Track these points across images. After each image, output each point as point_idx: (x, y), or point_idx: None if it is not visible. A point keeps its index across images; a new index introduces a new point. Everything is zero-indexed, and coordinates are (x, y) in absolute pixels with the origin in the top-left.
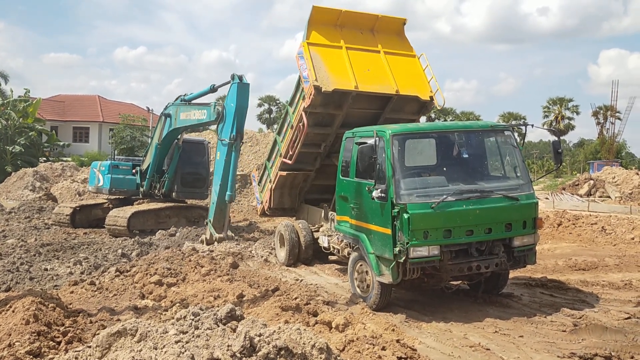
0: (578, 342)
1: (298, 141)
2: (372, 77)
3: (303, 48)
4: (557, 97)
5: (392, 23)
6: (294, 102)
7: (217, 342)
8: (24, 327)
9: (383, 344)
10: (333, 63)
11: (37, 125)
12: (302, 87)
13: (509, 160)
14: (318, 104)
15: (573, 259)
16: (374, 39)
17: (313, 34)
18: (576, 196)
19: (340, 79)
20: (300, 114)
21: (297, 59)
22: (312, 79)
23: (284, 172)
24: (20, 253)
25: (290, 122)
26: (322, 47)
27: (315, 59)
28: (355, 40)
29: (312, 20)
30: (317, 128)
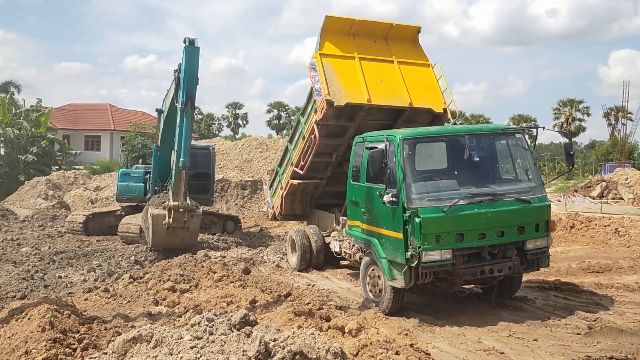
0: (593, 345)
1: (310, 152)
2: (385, 89)
3: (315, 59)
4: (568, 99)
5: (406, 31)
6: (305, 113)
7: (232, 347)
8: (40, 334)
9: (396, 348)
10: (346, 75)
11: (49, 134)
12: (314, 99)
13: (520, 162)
14: (330, 116)
15: (586, 261)
16: (387, 48)
17: (326, 45)
18: (588, 198)
19: (353, 92)
20: (312, 127)
21: (309, 70)
22: (324, 92)
23: (295, 180)
24: (35, 261)
25: (302, 132)
26: (335, 58)
27: (328, 71)
28: (368, 50)
29: (324, 29)
30: (329, 139)
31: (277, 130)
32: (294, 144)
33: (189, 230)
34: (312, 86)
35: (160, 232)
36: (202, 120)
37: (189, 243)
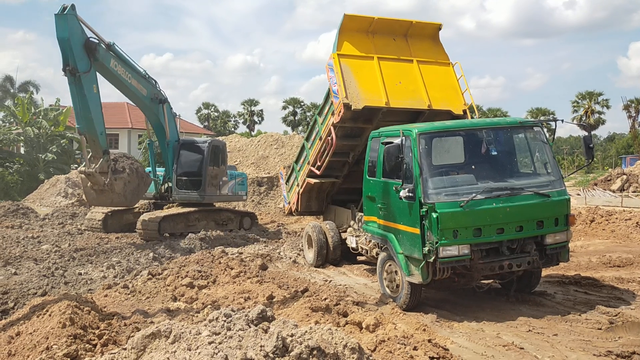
0: (614, 340)
1: (326, 154)
2: (403, 91)
3: (333, 60)
4: (587, 92)
5: (426, 28)
6: (323, 113)
7: (250, 342)
8: (61, 330)
9: (414, 344)
10: (364, 76)
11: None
12: (331, 100)
13: (539, 156)
14: (347, 119)
15: (607, 255)
16: (407, 46)
17: (344, 45)
18: (609, 192)
19: (371, 94)
20: (329, 128)
21: (327, 70)
22: (341, 95)
23: (312, 179)
24: (55, 258)
25: (318, 132)
26: (353, 58)
27: (346, 72)
28: (387, 49)
29: (343, 28)
30: (346, 139)
31: (292, 126)
32: (311, 142)
33: (114, 191)
34: (330, 87)
35: (91, 193)
36: (218, 117)
37: (119, 203)
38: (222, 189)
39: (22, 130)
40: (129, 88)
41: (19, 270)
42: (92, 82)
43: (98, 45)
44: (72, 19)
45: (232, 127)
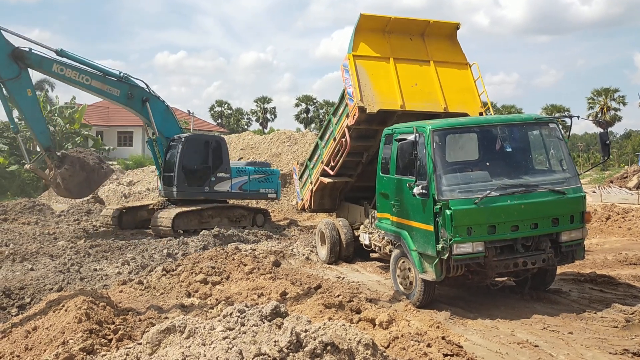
0: (631, 339)
1: (340, 155)
2: (419, 93)
3: (348, 61)
4: (602, 88)
5: (443, 28)
6: (337, 114)
7: (264, 337)
8: (77, 325)
9: (428, 340)
10: (379, 78)
11: (83, 131)
12: (345, 102)
13: (554, 153)
14: (362, 121)
15: (623, 253)
16: (423, 46)
17: (359, 45)
18: (625, 189)
19: (386, 97)
20: (344, 130)
21: (341, 70)
22: (356, 98)
23: (325, 178)
24: (71, 254)
25: (333, 133)
26: (369, 59)
27: (361, 74)
28: (403, 49)
29: (359, 28)
30: (360, 140)
31: (305, 124)
32: (325, 142)
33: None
34: (345, 89)
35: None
36: (231, 115)
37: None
38: (215, 185)
39: None
40: (90, 90)
41: (35, 266)
42: (25, 87)
43: (28, 53)
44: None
45: (245, 125)
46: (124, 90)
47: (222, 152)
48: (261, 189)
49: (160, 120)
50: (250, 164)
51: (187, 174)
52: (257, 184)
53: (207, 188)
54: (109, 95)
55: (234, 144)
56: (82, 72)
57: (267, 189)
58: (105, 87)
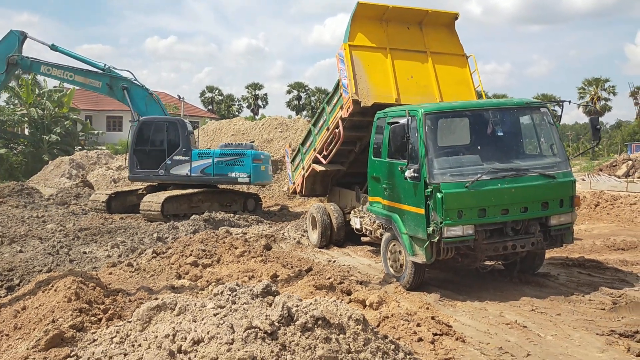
0: (618, 320)
1: (333, 145)
2: (415, 86)
3: (344, 51)
4: (593, 78)
5: (442, 17)
6: (331, 103)
7: (255, 312)
8: (66, 304)
9: (418, 320)
10: (375, 69)
11: (72, 115)
12: (340, 92)
13: (545, 138)
14: (356, 113)
15: (611, 239)
16: (421, 36)
17: (356, 35)
18: (614, 177)
19: (381, 90)
20: (337, 121)
21: (337, 60)
22: (351, 91)
23: (317, 166)
24: (60, 237)
25: (326, 122)
26: (365, 50)
27: (357, 65)
28: (400, 38)
29: (356, 16)
30: (353, 130)
31: (297, 111)
32: (318, 129)
33: None
34: (340, 79)
35: None
36: (222, 101)
37: None
38: (172, 169)
39: (26, 111)
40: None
41: (24, 249)
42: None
43: (20, 60)
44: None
45: (236, 111)
46: (105, 82)
47: (179, 135)
48: (230, 173)
49: (142, 107)
50: (225, 146)
51: (140, 156)
52: (224, 168)
53: (163, 171)
54: (92, 88)
55: (224, 130)
56: (66, 69)
57: (238, 172)
58: (88, 80)
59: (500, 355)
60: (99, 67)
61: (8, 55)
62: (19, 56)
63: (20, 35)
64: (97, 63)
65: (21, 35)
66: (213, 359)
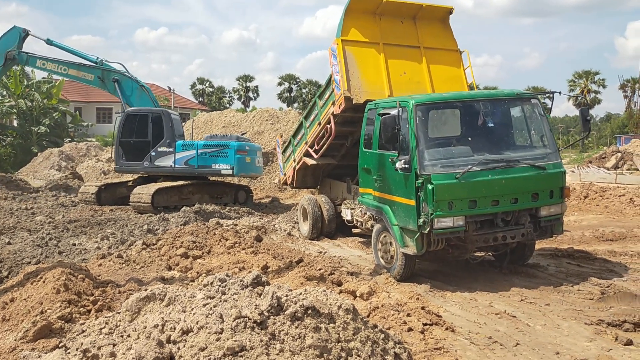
0: (606, 310)
1: (325, 141)
2: (407, 82)
3: (337, 46)
4: (583, 71)
5: (436, 12)
6: (323, 97)
7: (245, 302)
8: (55, 295)
9: (408, 310)
10: (367, 65)
11: (61, 106)
12: (332, 88)
13: (535, 129)
14: (348, 109)
15: (600, 230)
16: (414, 30)
17: (349, 29)
18: (603, 169)
19: (374, 87)
20: (329, 117)
21: (329, 54)
22: (343, 87)
23: (309, 160)
24: (49, 229)
25: (318, 116)
26: (358, 45)
27: (350, 60)
28: (394, 33)
29: (349, 10)
30: (345, 125)
31: (288, 103)
32: (310, 123)
33: None
34: (332, 75)
35: None
36: (213, 93)
37: None
38: (156, 160)
39: (14, 102)
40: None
41: (12, 240)
42: None
43: (18, 55)
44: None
45: (227, 103)
46: (97, 75)
47: (164, 126)
48: (214, 165)
49: (133, 99)
50: (210, 138)
51: (125, 148)
52: (207, 159)
53: (147, 163)
54: (85, 81)
55: (215, 122)
56: (60, 63)
57: (221, 164)
58: (81, 73)
59: (490, 345)
60: (92, 60)
61: (7, 50)
62: (17, 51)
63: (22, 32)
64: (90, 56)
65: (23, 32)
66: (202, 349)
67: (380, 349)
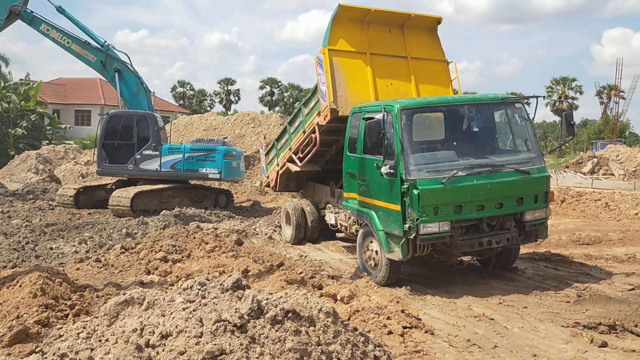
0: (582, 312)
1: (309, 150)
2: (394, 94)
3: (323, 55)
4: (561, 77)
5: (425, 21)
6: (308, 106)
7: (225, 306)
8: (32, 300)
9: (388, 314)
10: (354, 76)
11: (38, 109)
12: (318, 98)
13: (519, 133)
14: (334, 119)
15: (577, 233)
16: (402, 39)
17: (336, 38)
18: (580, 174)
19: (360, 98)
20: (314, 127)
21: (315, 63)
22: (329, 100)
23: (292, 166)
24: (26, 233)
25: (302, 124)
26: (345, 55)
27: (336, 71)
28: (381, 42)
29: (337, 18)
30: (330, 134)
31: (269, 107)
32: (294, 129)
33: None
34: (318, 85)
35: None
36: (193, 96)
37: None
38: (141, 163)
39: None
40: (69, 52)
41: None
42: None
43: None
44: None
45: (208, 106)
46: (99, 58)
47: (149, 129)
48: (200, 169)
49: (129, 95)
50: (197, 141)
51: (108, 151)
52: (194, 163)
53: (132, 166)
54: (85, 60)
55: (196, 125)
56: (65, 34)
57: (208, 168)
58: (84, 51)
59: (468, 347)
60: (99, 42)
61: (12, 3)
62: (23, 7)
63: None
64: (98, 38)
65: None
66: (181, 353)
67: (360, 352)
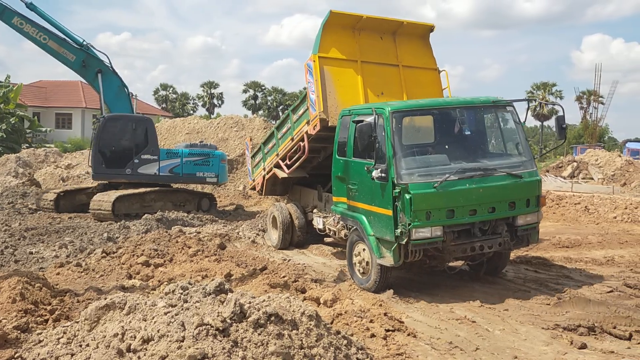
0: (562, 314)
1: (297, 158)
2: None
3: (313, 62)
4: (541, 82)
5: (417, 29)
6: (297, 113)
7: (207, 309)
8: (11, 305)
9: (371, 317)
10: (344, 84)
11: (18, 111)
12: (307, 106)
13: (511, 137)
14: (323, 128)
15: (557, 237)
16: (394, 47)
17: (327, 45)
18: (560, 178)
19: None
20: (303, 135)
21: (305, 70)
22: (318, 109)
23: (280, 172)
24: (4, 237)
25: (290, 130)
26: (335, 64)
27: (326, 79)
28: (373, 50)
29: (328, 25)
30: (319, 142)
31: (253, 110)
32: (282, 135)
33: None
34: (307, 93)
35: None
36: (176, 99)
37: None
38: (139, 168)
39: None
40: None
41: None
42: None
43: None
44: None
45: (191, 110)
46: (80, 58)
47: (148, 133)
48: (198, 173)
49: (112, 97)
50: (190, 146)
51: (105, 155)
52: (192, 167)
53: (130, 170)
54: (64, 59)
55: (179, 128)
56: (41, 30)
57: (206, 172)
58: (62, 50)
59: (450, 350)
60: (77, 42)
61: None
62: None
63: None
64: (75, 37)
65: None
66: (163, 357)
67: (343, 355)
